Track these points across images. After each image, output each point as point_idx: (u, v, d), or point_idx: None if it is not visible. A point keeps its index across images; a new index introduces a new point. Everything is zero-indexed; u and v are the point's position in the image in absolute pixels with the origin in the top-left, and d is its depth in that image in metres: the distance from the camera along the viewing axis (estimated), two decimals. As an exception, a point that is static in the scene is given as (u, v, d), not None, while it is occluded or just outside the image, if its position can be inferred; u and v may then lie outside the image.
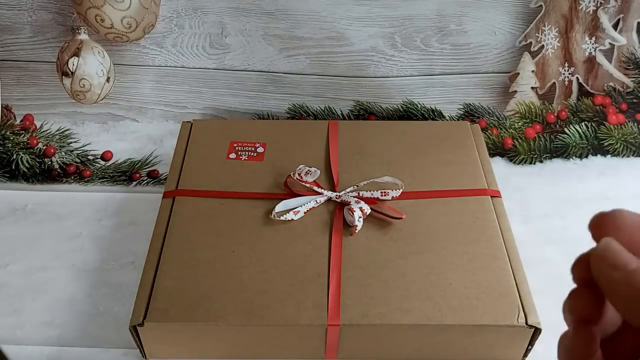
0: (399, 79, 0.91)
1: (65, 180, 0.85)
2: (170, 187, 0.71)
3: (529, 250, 0.69)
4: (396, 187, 0.68)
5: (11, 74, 0.91)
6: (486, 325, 0.57)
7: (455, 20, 0.87)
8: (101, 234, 0.77)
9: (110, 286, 0.71)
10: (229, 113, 0.94)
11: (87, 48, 0.84)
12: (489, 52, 0.90)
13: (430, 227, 0.66)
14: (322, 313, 0.58)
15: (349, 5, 0.86)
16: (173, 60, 0.91)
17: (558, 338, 0.33)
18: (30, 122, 0.91)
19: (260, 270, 0.61)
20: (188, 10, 0.87)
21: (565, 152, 0.88)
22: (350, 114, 0.93)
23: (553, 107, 0.92)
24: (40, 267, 0.73)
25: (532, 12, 0.88)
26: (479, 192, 0.70)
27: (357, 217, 0.65)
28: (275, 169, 0.73)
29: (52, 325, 0.67)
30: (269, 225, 0.66)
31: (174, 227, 0.66)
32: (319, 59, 0.90)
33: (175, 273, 0.61)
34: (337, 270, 0.61)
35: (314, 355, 0.61)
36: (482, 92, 0.93)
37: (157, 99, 0.94)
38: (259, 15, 0.87)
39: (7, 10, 0.86)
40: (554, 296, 0.69)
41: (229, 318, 0.58)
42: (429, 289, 0.60)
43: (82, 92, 0.85)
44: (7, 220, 0.79)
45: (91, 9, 0.79)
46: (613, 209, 0.31)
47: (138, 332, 0.58)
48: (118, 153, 0.89)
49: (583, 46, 0.89)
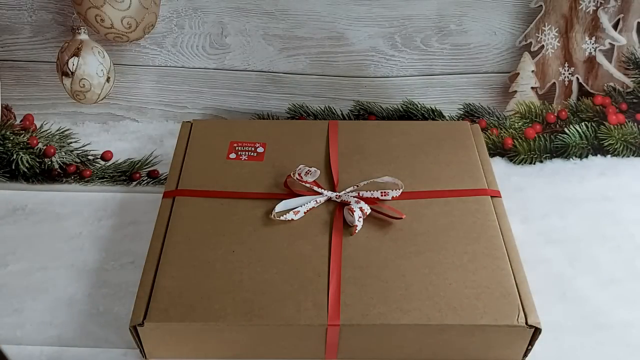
0: (399, 79, 0.91)
1: (65, 180, 0.85)
2: (170, 187, 0.71)
3: (529, 250, 0.69)
4: (396, 187, 0.68)
5: (11, 74, 0.91)
6: (486, 325, 0.57)
7: (455, 20, 0.87)
8: (101, 234, 0.77)
9: (110, 286, 0.71)
10: (229, 113, 0.94)
11: (87, 48, 0.84)
12: (489, 52, 0.90)
13: (430, 227, 0.66)
14: (322, 313, 0.58)
15: (349, 5, 0.86)
16: (173, 60, 0.91)
17: (558, 338, 0.33)
18: (30, 122, 0.91)
19: (260, 270, 0.61)
20: (188, 10, 0.87)
21: (565, 152, 0.88)
22: (350, 114, 0.93)
23: (553, 107, 0.92)
24: (40, 267, 0.73)
25: (532, 12, 0.88)
26: (479, 192, 0.70)
27: (357, 217, 0.65)
28: (275, 169, 0.73)
29: (52, 325, 0.67)
30: (269, 225, 0.66)
31: (174, 227, 0.66)
32: (319, 59, 0.90)
33: (175, 273, 0.61)
34: (337, 270, 0.61)
35: (314, 355, 0.62)
36: (482, 92, 0.93)
37: (157, 99, 0.94)
38: (259, 15, 0.87)
39: (7, 10, 0.86)
40: (554, 296, 0.70)
41: (229, 318, 0.58)
42: (429, 289, 0.60)
43: (82, 92, 0.85)
44: (7, 220, 0.79)
45: (91, 9, 0.79)
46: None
47: (138, 332, 0.58)
48: (118, 153, 0.89)
49: (583, 46, 0.89)
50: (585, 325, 0.66)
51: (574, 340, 0.64)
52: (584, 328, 0.66)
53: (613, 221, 0.78)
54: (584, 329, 0.66)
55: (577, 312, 0.68)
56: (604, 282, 0.71)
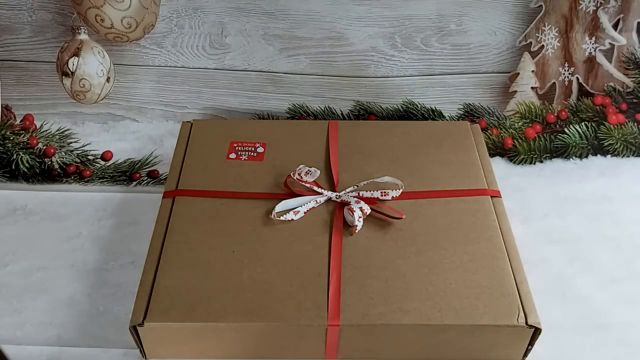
0: (399, 79, 0.91)
1: (65, 180, 0.85)
2: (170, 187, 0.71)
3: (529, 250, 0.69)
4: (396, 187, 0.68)
5: (11, 74, 0.91)
6: (486, 325, 0.57)
7: (455, 20, 0.88)
8: (101, 234, 0.77)
9: (110, 286, 0.71)
10: (229, 113, 0.94)
11: (87, 48, 0.84)
12: (489, 52, 0.90)
13: (430, 227, 0.66)
14: (322, 313, 0.58)
15: (349, 5, 0.86)
16: (173, 60, 0.91)
17: (558, 338, 0.33)
18: (30, 122, 0.91)
19: (260, 270, 0.61)
20: (188, 10, 0.87)
21: (565, 152, 0.88)
22: (350, 114, 0.93)
23: (553, 107, 0.92)
24: (40, 267, 0.73)
25: (532, 12, 0.88)
26: (479, 192, 0.70)
27: (357, 217, 0.65)
28: (275, 169, 0.73)
29: (52, 325, 0.67)
30: (269, 225, 0.66)
31: (174, 227, 0.66)
32: (319, 59, 0.90)
33: (175, 273, 0.61)
34: (337, 270, 0.61)
35: (314, 355, 0.61)
36: (482, 92, 0.93)
37: (157, 99, 0.94)
38: (259, 15, 0.87)
39: (7, 10, 0.86)
40: (554, 296, 0.69)
41: (229, 318, 0.58)
42: (429, 289, 0.60)
43: (82, 92, 0.85)
44: (7, 220, 0.79)
45: (91, 9, 0.79)
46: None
47: (138, 332, 0.58)
48: (118, 153, 0.89)
49: (583, 46, 0.89)
50: (585, 325, 0.66)
51: (574, 340, 0.64)
52: (584, 328, 0.66)
53: (613, 221, 0.78)
54: (584, 329, 0.66)
55: (577, 312, 0.67)
56: (604, 282, 0.71)
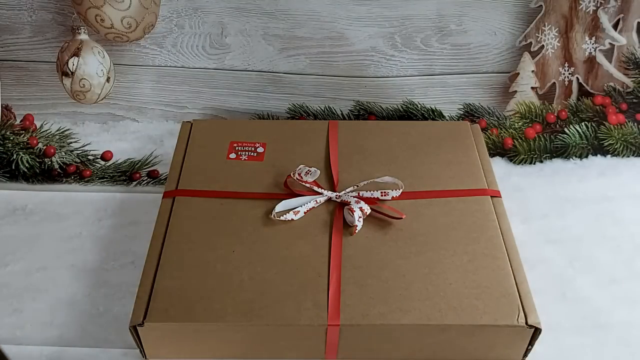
0: (399, 79, 0.91)
1: (65, 180, 0.85)
2: (170, 187, 0.71)
3: (529, 250, 0.69)
4: (396, 187, 0.68)
5: (11, 74, 0.91)
6: (486, 325, 0.57)
7: (455, 20, 0.87)
8: (101, 234, 0.77)
9: (110, 286, 0.71)
10: (229, 113, 0.94)
11: (87, 48, 0.84)
12: (489, 52, 0.90)
13: (430, 227, 0.66)
14: (322, 313, 0.58)
15: (349, 5, 0.86)
16: (173, 60, 0.91)
17: (558, 338, 0.33)
18: (30, 122, 0.91)
19: (260, 270, 0.61)
20: (188, 10, 0.87)
21: (565, 152, 0.88)
22: (350, 114, 0.93)
23: (553, 107, 0.92)
24: (40, 267, 0.73)
25: (532, 12, 0.88)
26: (479, 192, 0.70)
27: (357, 217, 0.65)
28: (275, 169, 0.73)
29: (52, 325, 0.67)
30: (269, 225, 0.66)
31: (174, 227, 0.66)
32: (319, 59, 0.90)
33: (175, 273, 0.61)
34: (337, 270, 0.61)
35: (314, 355, 0.61)
36: (482, 92, 0.93)
37: (157, 99, 0.94)
38: (259, 15, 0.87)
39: (7, 10, 0.86)
40: (554, 296, 0.69)
41: (229, 318, 0.58)
42: (429, 289, 0.60)
43: (82, 92, 0.85)
44: (7, 220, 0.79)
45: (91, 9, 0.79)
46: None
47: (138, 332, 0.58)
48: (118, 153, 0.89)
49: (583, 46, 0.89)
50: (585, 325, 0.66)
51: (574, 340, 0.64)
52: (584, 328, 0.66)
53: (613, 221, 0.78)
54: (584, 329, 0.66)
55: (577, 312, 0.68)
56: (604, 282, 0.71)
